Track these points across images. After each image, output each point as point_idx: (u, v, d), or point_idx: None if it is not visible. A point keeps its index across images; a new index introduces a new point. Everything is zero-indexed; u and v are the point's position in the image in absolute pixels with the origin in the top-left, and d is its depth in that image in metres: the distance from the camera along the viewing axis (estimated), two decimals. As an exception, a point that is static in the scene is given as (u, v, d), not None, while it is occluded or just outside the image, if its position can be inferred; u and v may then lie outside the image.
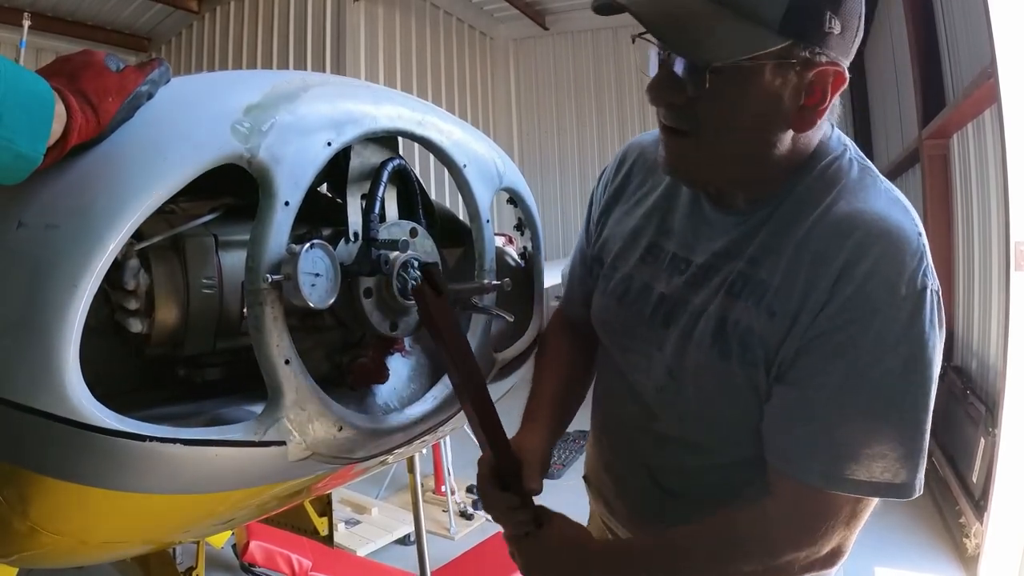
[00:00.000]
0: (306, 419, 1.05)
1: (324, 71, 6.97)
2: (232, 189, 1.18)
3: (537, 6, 9.02)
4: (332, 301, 1.03)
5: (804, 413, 1.01)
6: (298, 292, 0.97)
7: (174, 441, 0.93)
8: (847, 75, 0.98)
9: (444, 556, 3.79)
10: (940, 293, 1.00)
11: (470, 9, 9.02)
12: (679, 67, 0.98)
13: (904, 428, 0.98)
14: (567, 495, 5.29)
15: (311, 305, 0.99)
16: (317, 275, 1.00)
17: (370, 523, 4.20)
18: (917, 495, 1.00)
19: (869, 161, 1.10)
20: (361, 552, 3.86)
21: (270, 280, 0.97)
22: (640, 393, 1.21)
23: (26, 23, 3.92)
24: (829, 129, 1.09)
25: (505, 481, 1.15)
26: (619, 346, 1.24)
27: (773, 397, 1.05)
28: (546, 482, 4.57)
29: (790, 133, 1.01)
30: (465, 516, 4.53)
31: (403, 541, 4.16)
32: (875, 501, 1.03)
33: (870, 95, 7.93)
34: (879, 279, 0.96)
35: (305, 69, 7.08)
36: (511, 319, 1.32)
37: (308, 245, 0.98)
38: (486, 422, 1.11)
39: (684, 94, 0.98)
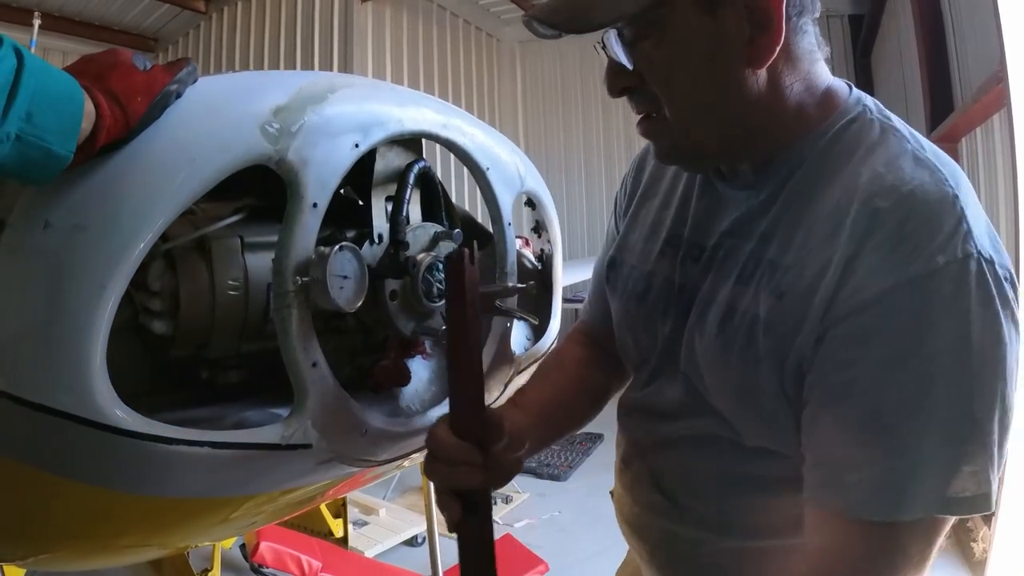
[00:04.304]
0: (331, 422, 1.04)
1: (332, 72, 6.98)
2: (253, 189, 1.17)
3: (544, 8, 9.01)
4: (360, 304, 1.02)
5: (833, 423, 0.83)
6: (326, 295, 0.96)
7: (201, 444, 0.93)
8: None
9: (451, 558, 3.78)
10: (1010, 272, 0.82)
11: (477, 11, 9.01)
12: (612, 50, 0.93)
13: (969, 426, 0.78)
14: (573, 497, 5.25)
15: (339, 308, 0.98)
16: (345, 277, 0.99)
17: (378, 524, 4.19)
18: (992, 508, 0.79)
19: (893, 117, 0.96)
20: (369, 553, 3.85)
21: (299, 283, 0.96)
22: (663, 395, 1.11)
23: (36, 22, 3.90)
24: (845, 87, 0.98)
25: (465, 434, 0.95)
26: (641, 352, 1.15)
27: (803, 408, 0.89)
28: (552, 484, 4.57)
29: (758, 74, 0.90)
30: (471, 518, 4.52)
31: (411, 542, 4.15)
32: (945, 525, 0.82)
33: (877, 96, 7.91)
34: (908, 247, 0.80)
35: (313, 70, 7.08)
36: (535, 322, 1.32)
37: (337, 247, 0.98)
38: (468, 380, 0.97)
39: (631, 75, 0.93)
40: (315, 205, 0.99)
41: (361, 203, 1.25)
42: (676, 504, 1.10)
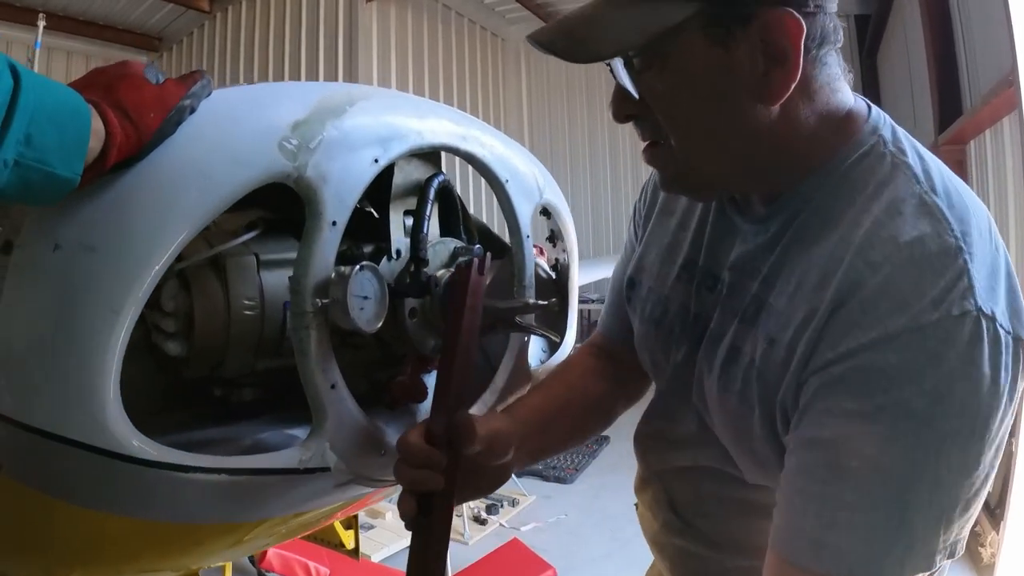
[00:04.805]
0: (350, 444, 1.02)
1: (336, 71, 6.98)
2: (265, 201, 1.14)
3: (548, 7, 8.98)
4: (380, 324, 0.99)
5: (796, 468, 0.82)
6: (347, 315, 0.93)
7: (218, 471, 0.90)
8: (799, 19, 0.80)
9: (458, 561, 3.76)
10: (1018, 330, 0.77)
11: (481, 10, 9.01)
12: (619, 76, 0.88)
13: (931, 491, 0.75)
14: (579, 499, 5.22)
15: (360, 329, 0.95)
16: (365, 298, 0.96)
17: (384, 527, 4.17)
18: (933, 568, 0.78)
19: (908, 143, 0.90)
20: (376, 557, 3.84)
21: (319, 304, 0.93)
22: (675, 422, 1.12)
23: (41, 23, 3.89)
24: (864, 109, 0.92)
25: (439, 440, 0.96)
26: (659, 375, 1.14)
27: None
28: (558, 487, 4.55)
29: (770, 108, 0.84)
30: (479, 521, 4.50)
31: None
32: None
33: (883, 97, 7.88)
34: (895, 302, 0.76)
35: (317, 69, 7.07)
36: (557, 339, 1.29)
37: (358, 267, 0.95)
38: (451, 386, 0.99)
39: (636, 102, 0.88)
40: (334, 223, 0.96)
41: (377, 216, 1.23)
42: (689, 524, 1.11)
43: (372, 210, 1.26)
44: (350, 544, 2.15)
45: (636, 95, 0.87)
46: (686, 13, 0.81)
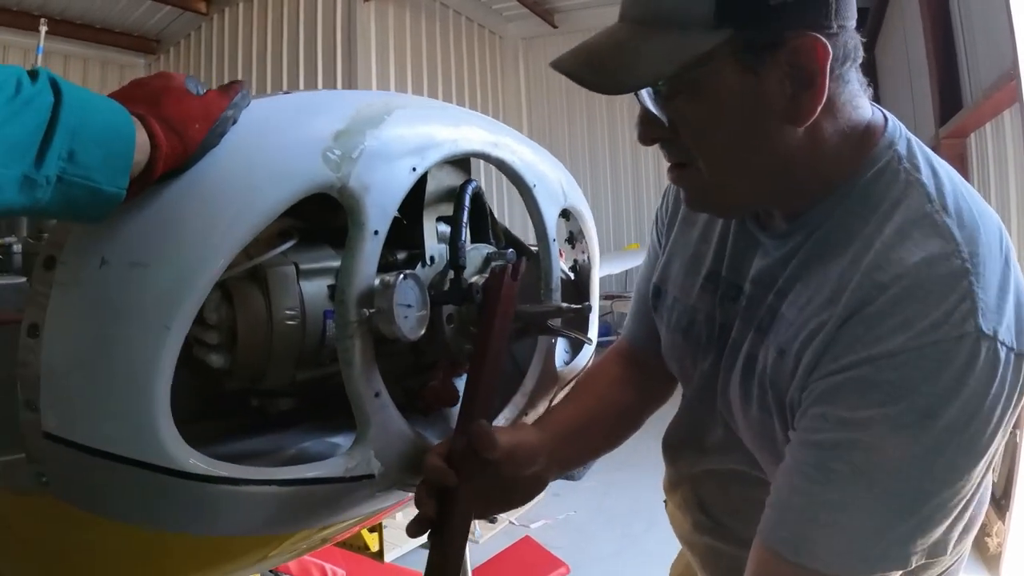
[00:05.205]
0: (393, 450, 1.03)
1: (335, 71, 6.98)
2: (292, 209, 1.15)
3: (545, 5, 9.00)
4: (423, 332, 1.00)
5: (790, 463, 0.87)
6: (392, 325, 0.94)
7: (269, 483, 0.91)
8: (826, 43, 0.81)
9: (470, 558, 3.76)
10: (1017, 350, 0.80)
11: (479, 8, 9.01)
12: (645, 102, 0.89)
13: (912, 502, 0.80)
14: (588, 496, 5.19)
15: (404, 337, 0.96)
16: (409, 306, 0.97)
17: (395, 527, 4.17)
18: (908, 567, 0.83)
19: (922, 157, 0.91)
20: (388, 557, 3.83)
21: (365, 314, 0.94)
22: (703, 429, 1.15)
23: (43, 29, 3.86)
24: (881, 122, 0.93)
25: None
26: (687, 383, 1.18)
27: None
28: (566, 484, 4.52)
29: (797, 129, 0.86)
30: (489, 520, 4.50)
31: (428, 546, 4.13)
32: None
33: (882, 91, 7.90)
34: (897, 321, 0.79)
35: (316, 69, 7.07)
36: (590, 342, 1.30)
37: (402, 276, 0.95)
38: (479, 403, 1.02)
39: (664, 127, 0.90)
40: (376, 232, 0.97)
41: (405, 222, 1.23)
42: (720, 524, 1.15)
43: (401, 216, 1.27)
44: (374, 547, 2.15)
45: (665, 121, 0.89)
46: (717, 40, 0.82)
